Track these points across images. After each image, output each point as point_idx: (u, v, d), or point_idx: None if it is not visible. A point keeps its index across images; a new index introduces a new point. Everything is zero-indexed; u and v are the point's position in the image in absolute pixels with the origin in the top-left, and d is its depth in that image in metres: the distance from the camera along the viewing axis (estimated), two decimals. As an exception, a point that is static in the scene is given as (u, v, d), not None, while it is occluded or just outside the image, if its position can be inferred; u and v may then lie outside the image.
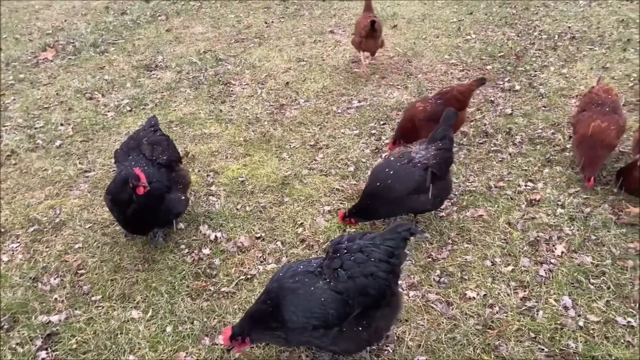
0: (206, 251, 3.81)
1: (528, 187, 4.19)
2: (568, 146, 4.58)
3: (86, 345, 3.16)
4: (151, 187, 3.44)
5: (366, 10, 6.18)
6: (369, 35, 5.80)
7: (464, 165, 4.52)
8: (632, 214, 3.80)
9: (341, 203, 4.18)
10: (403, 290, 3.34)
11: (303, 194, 4.33)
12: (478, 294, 3.30)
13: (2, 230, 4.15)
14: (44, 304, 3.45)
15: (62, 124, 5.62)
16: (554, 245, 3.61)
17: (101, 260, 3.79)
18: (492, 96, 5.56)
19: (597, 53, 6.18)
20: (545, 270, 3.43)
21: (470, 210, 4.00)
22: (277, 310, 2.62)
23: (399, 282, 2.97)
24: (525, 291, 3.30)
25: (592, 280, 3.33)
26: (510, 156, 4.58)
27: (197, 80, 6.40)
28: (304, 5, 8.71)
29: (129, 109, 5.87)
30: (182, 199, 3.85)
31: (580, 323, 3.06)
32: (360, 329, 2.65)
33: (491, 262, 3.54)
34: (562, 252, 3.54)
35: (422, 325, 3.14)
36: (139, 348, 3.12)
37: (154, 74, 6.66)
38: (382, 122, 5.27)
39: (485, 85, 5.31)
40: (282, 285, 2.66)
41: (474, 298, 3.28)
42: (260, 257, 3.74)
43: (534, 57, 6.26)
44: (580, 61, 6.06)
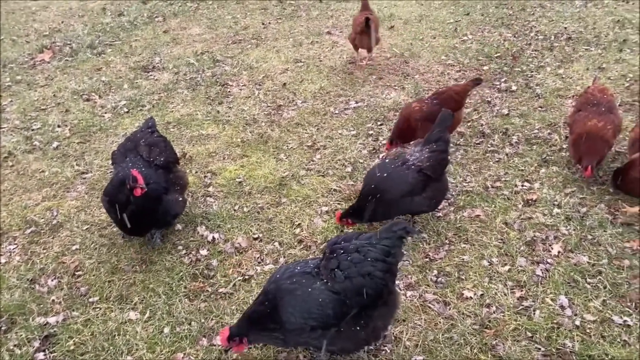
0: (204, 252, 3.81)
1: (525, 187, 4.21)
2: (564, 146, 4.60)
3: (84, 347, 3.16)
4: (148, 189, 3.44)
5: (363, 10, 6.25)
6: (364, 32, 5.92)
7: (460, 166, 4.53)
8: (629, 214, 3.82)
9: (339, 204, 4.19)
10: (400, 290, 3.35)
11: (300, 194, 4.33)
12: (475, 294, 3.31)
13: (0, 232, 4.14)
14: (42, 306, 3.45)
15: (59, 126, 5.61)
16: (550, 245, 3.62)
17: (98, 261, 3.79)
18: (489, 97, 5.57)
19: (593, 53, 6.21)
20: (541, 269, 3.44)
21: (467, 210, 4.02)
22: (275, 311, 2.62)
23: (396, 281, 2.97)
24: (522, 291, 3.31)
25: (588, 280, 3.35)
26: (507, 156, 4.60)
27: (195, 81, 6.40)
28: (301, 7, 8.72)
29: (126, 110, 5.87)
30: (180, 200, 3.85)
31: (577, 322, 3.07)
32: (358, 328, 2.65)
33: (488, 262, 3.55)
34: (559, 252, 3.56)
35: (420, 325, 3.14)
36: (137, 349, 3.11)
37: (151, 75, 6.66)
38: (379, 123, 5.28)
39: (481, 86, 5.33)
40: (280, 287, 2.67)
41: (471, 298, 3.29)
42: (258, 257, 3.74)
43: (531, 57, 6.28)
44: (576, 62, 6.08)
